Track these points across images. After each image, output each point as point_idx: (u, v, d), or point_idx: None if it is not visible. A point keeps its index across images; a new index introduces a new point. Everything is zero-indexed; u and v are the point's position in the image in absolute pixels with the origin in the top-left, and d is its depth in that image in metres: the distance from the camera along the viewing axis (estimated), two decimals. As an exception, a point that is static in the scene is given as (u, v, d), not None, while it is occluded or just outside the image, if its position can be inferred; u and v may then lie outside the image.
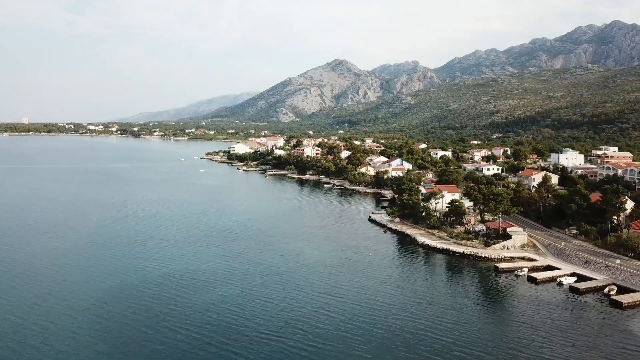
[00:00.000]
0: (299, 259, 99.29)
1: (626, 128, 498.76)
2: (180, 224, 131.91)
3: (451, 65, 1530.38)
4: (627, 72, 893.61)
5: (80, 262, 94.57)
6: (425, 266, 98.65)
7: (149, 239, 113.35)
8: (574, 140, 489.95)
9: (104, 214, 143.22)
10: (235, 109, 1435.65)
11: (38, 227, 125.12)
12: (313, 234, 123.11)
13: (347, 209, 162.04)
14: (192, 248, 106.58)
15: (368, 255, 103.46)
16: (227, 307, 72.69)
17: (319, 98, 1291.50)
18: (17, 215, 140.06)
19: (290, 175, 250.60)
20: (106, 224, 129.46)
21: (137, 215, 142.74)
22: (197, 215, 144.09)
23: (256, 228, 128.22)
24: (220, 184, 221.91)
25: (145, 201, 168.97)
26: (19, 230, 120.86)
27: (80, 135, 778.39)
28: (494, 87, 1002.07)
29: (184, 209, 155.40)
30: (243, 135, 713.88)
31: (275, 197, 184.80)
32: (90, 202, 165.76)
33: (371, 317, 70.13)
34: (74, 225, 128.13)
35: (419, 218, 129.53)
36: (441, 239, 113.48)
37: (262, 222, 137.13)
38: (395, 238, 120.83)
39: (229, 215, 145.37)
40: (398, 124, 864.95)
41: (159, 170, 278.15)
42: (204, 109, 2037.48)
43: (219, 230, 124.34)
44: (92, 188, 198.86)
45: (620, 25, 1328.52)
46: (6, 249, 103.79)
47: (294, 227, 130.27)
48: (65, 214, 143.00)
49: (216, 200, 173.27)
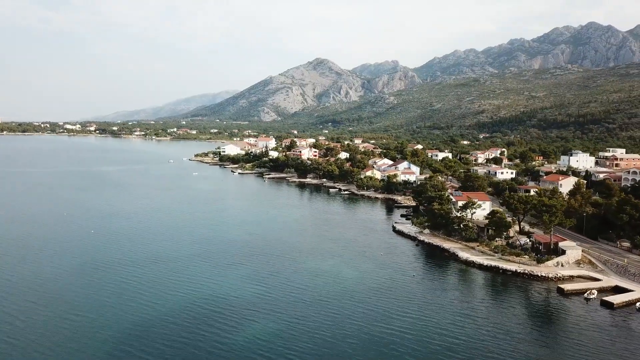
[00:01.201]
0: (339, 281, 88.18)
1: (613, 128, 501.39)
2: (191, 237, 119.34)
3: (431, 65, 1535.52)
4: (606, 73, 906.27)
5: (87, 290, 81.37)
6: (483, 289, 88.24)
7: (162, 257, 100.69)
8: (562, 140, 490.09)
9: (102, 226, 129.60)
10: (215, 108, 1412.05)
11: (27, 243, 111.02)
12: (343, 248, 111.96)
13: (365, 217, 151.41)
14: (215, 268, 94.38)
15: (412, 275, 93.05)
16: (275, 347, 61.35)
17: (300, 97, 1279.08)
18: (1, 228, 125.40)
19: (290, 179, 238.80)
20: (108, 239, 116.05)
21: (140, 227, 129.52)
22: (207, 227, 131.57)
23: (278, 241, 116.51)
24: (219, 189, 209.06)
25: (144, 209, 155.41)
26: (3, 247, 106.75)
27: (57, 135, 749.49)
28: (476, 87, 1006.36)
29: (190, 218, 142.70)
30: (227, 135, 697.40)
31: (284, 204, 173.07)
32: (83, 210, 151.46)
33: (444, 355, 59.79)
34: (70, 240, 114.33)
35: (452, 229, 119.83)
36: (484, 254, 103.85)
37: (281, 233, 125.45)
38: (430, 252, 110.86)
39: (243, 226, 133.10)
40: (382, 123, 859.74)
41: (148, 173, 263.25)
42: (182, 107, 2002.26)
43: (239, 245, 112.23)
44: (83, 194, 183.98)
45: (596, 27, 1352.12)
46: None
47: (319, 240, 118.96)
48: (58, 226, 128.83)
49: (223, 209, 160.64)
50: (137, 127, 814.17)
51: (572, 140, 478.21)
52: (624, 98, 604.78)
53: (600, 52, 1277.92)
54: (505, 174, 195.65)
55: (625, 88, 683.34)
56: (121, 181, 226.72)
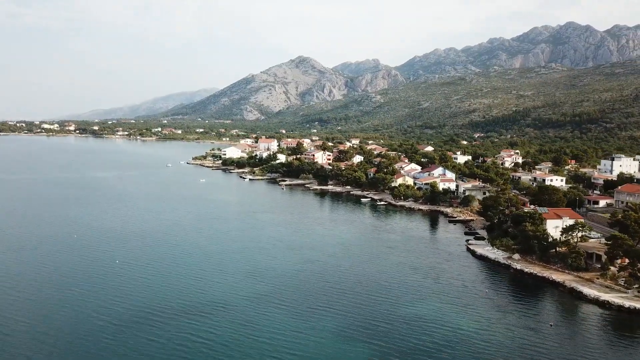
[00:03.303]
0: (464, 340, 68.59)
1: (611, 128, 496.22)
2: (242, 267, 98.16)
3: (412, 63, 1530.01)
4: (592, 72, 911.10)
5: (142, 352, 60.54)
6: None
7: (221, 301, 79.54)
8: (561, 140, 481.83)
9: (127, 254, 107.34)
10: (195, 107, 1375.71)
11: (39, 279, 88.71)
12: (433, 282, 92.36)
13: (425, 235, 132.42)
14: (296, 319, 73.53)
15: (549, 325, 74.50)
16: None
17: (284, 96, 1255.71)
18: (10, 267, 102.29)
19: (311, 186, 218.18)
20: (138, 274, 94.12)
21: (176, 255, 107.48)
22: (255, 252, 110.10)
23: (351, 273, 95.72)
24: (240, 200, 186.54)
25: (169, 228, 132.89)
26: (10, 283, 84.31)
27: (35, 135, 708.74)
28: (462, 85, 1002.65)
29: (228, 239, 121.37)
30: (214, 135, 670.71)
31: (323, 218, 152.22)
32: (94, 231, 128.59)
33: None
34: (96, 276, 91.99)
35: (551, 255, 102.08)
36: (611, 290, 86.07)
37: (347, 261, 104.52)
38: (534, 284, 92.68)
39: (295, 251, 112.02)
40: (371, 122, 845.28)
41: (150, 180, 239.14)
42: (160, 106, 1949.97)
43: (309, 280, 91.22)
44: (86, 209, 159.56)
45: (575, 27, 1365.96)
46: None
47: (398, 270, 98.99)
48: (74, 255, 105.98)
49: (259, 226, 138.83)
50: (119, 126, 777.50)
51: (572, 140, 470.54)
52: (617, 97, 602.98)
53: (579, 52, 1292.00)
54: (554, 181, 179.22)
55: (614, 87, 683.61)
56: (123, 191, 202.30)
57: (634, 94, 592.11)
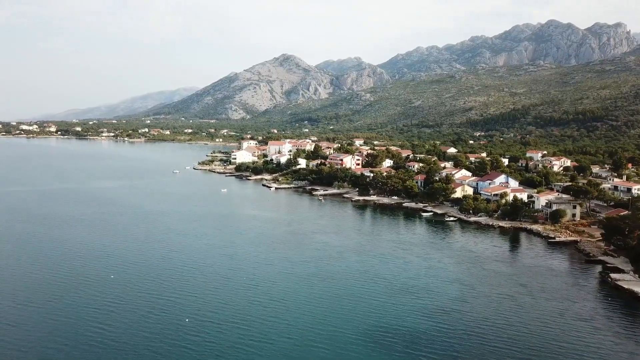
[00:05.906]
0: None
1: (619, 126, 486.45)
2: (344, 319, 73.90)
3: (395, 61, 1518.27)
4: (582, 69, 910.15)
5: None
6: None
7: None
8: (569, 139, 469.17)
9: (195, 308, 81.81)
10: (177, 106, 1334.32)
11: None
12: (599, 346, 69.98)
13: (534, 262, 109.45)
14: None
15: None
16: None
17: (269, 94, 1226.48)
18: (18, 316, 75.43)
19: (352, 197, 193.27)
20: (208, 338, 68.99)
21: (258, 303, 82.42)
22: (348, 295, 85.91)
23: (494, 332, 72.90)
24: (285, 218, 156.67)
25: (223, 262, 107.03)
26: None
27: (14, 137, 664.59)
28: (452, 83, 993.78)
29: (304, 275, 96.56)
30: (204, 135, 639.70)
31: (406, 242, 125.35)
32: (132, 267, 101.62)
33: None
34: (161, 344, 66.61)
35: None
36: None
37: (478, 310, 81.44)
38: None
39: (405, 295, 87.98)
40: (363, 121, 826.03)
41: (162, 190, 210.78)
42: (139, 105, 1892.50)
43: (444, 344, 67.94)
44: (118, 239, 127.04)
45: (556, 25, 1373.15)
46: None
47: (570, 328, 76.13)
48: (123, 312, 79.88)
49: (330, 256, 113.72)
50: (103, 127, 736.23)
51: (580, 139, 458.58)
52: (616, 95, 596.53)
53: (562, 49, 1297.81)
54: (637, 190, 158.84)
55: (610, 84, 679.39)
56: (142, 207, 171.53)
57: (633, 91, 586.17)
